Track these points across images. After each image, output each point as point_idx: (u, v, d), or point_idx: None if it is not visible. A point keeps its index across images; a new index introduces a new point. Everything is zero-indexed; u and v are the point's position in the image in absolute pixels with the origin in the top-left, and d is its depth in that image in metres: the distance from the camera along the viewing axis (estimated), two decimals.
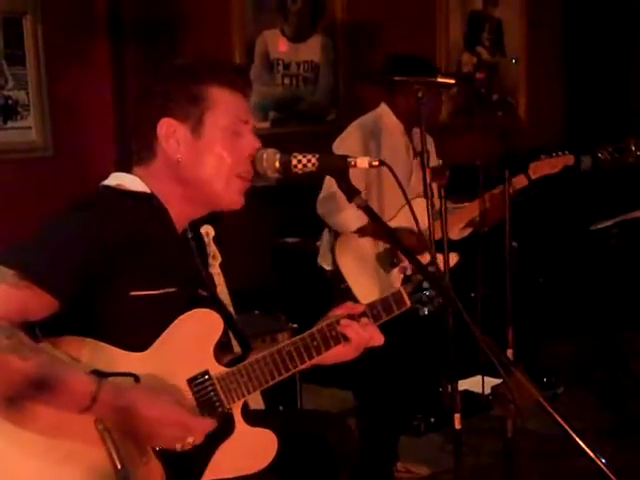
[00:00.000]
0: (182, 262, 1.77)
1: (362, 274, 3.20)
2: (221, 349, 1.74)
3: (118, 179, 1.75)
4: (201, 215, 1.83)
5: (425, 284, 1.90)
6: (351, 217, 3.10)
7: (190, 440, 1.59)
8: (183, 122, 1.70)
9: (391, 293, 1.90)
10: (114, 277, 1.59)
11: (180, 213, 1.77)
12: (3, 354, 1.43)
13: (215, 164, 1.72)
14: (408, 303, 1.91)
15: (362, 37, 4.99)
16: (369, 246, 3.23)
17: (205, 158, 1.71)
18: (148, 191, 1.73)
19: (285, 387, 3.32)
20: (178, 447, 1.59)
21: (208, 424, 1.63)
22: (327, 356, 1.85)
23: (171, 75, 1.75)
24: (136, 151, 1.77)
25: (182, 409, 1.60)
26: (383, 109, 3.35)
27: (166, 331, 1.65)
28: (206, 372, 1.68)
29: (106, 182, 1.76)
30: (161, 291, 1.65)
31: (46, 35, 3.89)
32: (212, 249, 2.82)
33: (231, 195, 1.76)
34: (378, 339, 1.86)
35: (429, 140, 3.29)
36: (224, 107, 1.72)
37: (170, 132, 1.70)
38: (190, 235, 1.85)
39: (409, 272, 1.91)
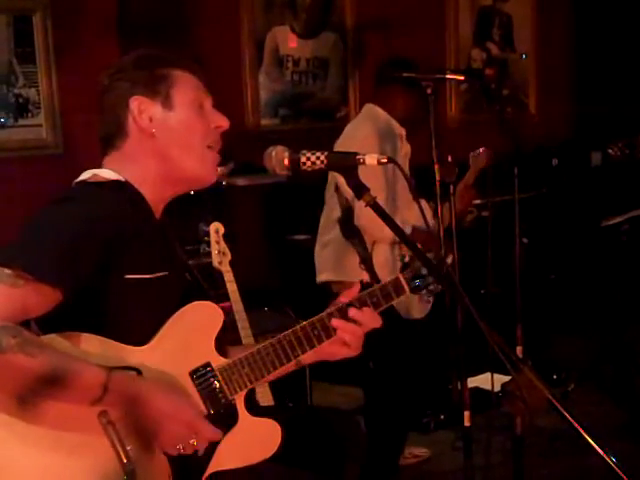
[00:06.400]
0: (165, 247, 1.79)
1: None
2: (222, 340, 1.76)
3: (91, 172, 1.77)
4: (177, 194, 1.83)
5: (424, 270, 1.89)
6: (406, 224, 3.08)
7: (193, 442, 1.60)
8: (153, 99, 1.75)
9: (389, 280, 1.90)
10: (107, 263, 1.60)
11: (156, 195, 1.78)
12: (11, 353, 1.44)
13: (188, 135, 1.76)
14: (407, 290, 1.90)
15: (372, 33, 4.98)
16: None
17: (178, 130, 1.76)
18: (122, 179, 1.75)
19: (295, 384, 3.34)
20: (179, 447, 1.60)
21: (215, 433, 1.64)
22: (330, 352, 1.84)
23: (134, 62, 1.80)
24: (106, 139, 1.79)
25: (194, 411, 1.62)
26: (375, 109, 3.28)
27: (167, 324, 1.67)
28: (208, 364, 1.70)
29: (80, 178, 1.77)
30: (154, 275, 1.67)
31: (56, 33, 3.91)
32: (222, 246, 2.85)
33: (206, 167, 1.79)
34: (376, 323, 1.82)
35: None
36: (188, 84, 1.78)
37: (142, 108, 1.75)
38: (166, 221, 1.86)
39: (406, 259, 1.89)
